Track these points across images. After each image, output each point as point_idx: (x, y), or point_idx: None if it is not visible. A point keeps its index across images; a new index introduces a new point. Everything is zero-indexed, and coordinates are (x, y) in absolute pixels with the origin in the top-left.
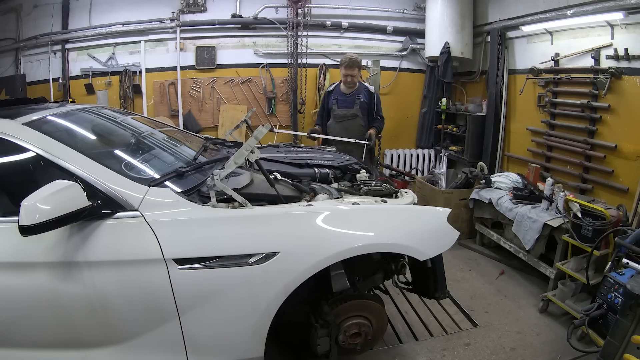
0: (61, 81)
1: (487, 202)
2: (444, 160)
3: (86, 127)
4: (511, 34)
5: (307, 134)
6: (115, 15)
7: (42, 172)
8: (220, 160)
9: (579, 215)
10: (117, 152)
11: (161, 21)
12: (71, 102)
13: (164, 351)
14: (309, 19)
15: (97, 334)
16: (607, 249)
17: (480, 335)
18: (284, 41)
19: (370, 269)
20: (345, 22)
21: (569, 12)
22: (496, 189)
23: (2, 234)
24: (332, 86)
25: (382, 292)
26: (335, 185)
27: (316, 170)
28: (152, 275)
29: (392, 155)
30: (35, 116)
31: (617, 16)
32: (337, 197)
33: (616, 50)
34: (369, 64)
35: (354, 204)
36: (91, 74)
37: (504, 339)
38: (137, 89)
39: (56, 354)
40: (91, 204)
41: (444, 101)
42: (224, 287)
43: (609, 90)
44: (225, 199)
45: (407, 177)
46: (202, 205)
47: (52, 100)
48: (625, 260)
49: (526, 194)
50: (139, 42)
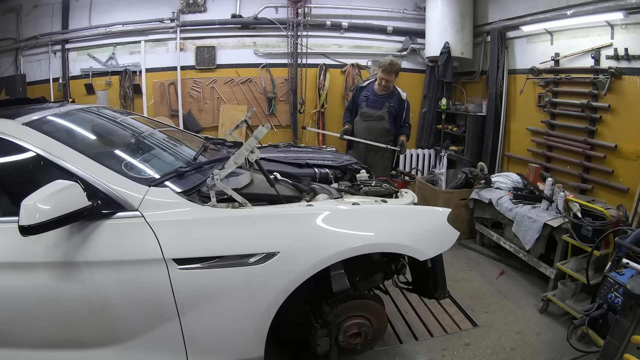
0: (61, 81)
1: (487, 202)
2: (444, 160)
3: (86, 127)
4: (511, 34)
5: (339, 135)
6: (115, 15)
7: (42, 172)
8: (220, 160)
9: (579, 215)
10: (117, 152)
11: (161, 21)
12: (71, 102)
13: (164, 351)
14: (309, 19)
15: (97, 334)
16: (607, 249)
17: (480, 335)
18: (284, 41)
19: (370, 269)
20: (345, 22)
21: (569, 12)
22: (496, 189)
23: (2, 234)
24: (366, 82)
25: (382, 292)
26: (335, 185)
27: (316, 170)
28: (152, 275)
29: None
30: (35, 116)
31: (617, 16)
32: (337, 197)
33: (616, 50)
34: (369, 64)
35: (354, 204)
36: (91, 74)
37: (504, 339)
38: (137, 89)
39: (56, 354)
40: (91, 204)
41: (444, 101)
42: (224, 287)
43: (609, 90)
44: (225, 199)
45: (407, 177)
46: (202, 205)
47: (52, 100)
48: (625, 260)
49: (526, 194)
50: (139, 42)
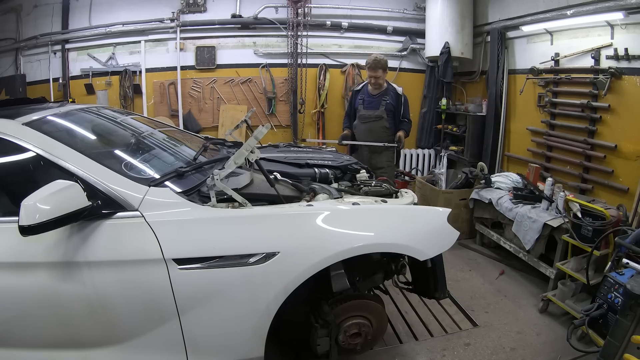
0: (61, 81)
1: (487, 202)
2: (444, 160)
3: (86, 127)
4: (511, 34)
5: (338, 141)
6: (115, 15)
7: (42, 172)
8: (220, 160)
9: (579, 215)
10: (117, 152)
11: (161, 21)
12: (71, 102)
13: (164, 351)
14: (309, 19)
15: (97, 334)
16: (607, 249)
17: (480, 335)
18: (284, 41)
19: (370, 269)
20: (345, 22)
21: (569, 12)
22: (496, 189)
23: (2, 234)
24: (360, 85)
25: (382, 292)
26: (335, 185)
27: (316, 170)
28: (152, 275)
29: None
30: (35, 116)
31: (617, 16)
32: (337, 197)
33: (616, 50)
34: None
35: (354, 204)
36: (91, 74)
37: (504, 339)
38: (137, 89)
39: (56, 354)
40: (91, 204)
41: (444, 101)
42: (224, 287)
43: (609, 90)
44: (225, 199)
45: (407, 177)
46: (202, 205)
47: (52, 100)
48: (625, 260)
49: (526, 194)
50: (139, 42)
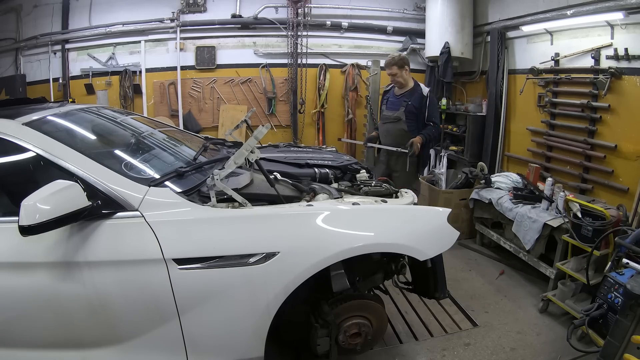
0: (61, 81)
1: (487, 202)
2: (444, 160)
3: (86, 127)
4: (511, 34)
5: (364, 143)
6: (115, 15)
7: (42, 172)
8: (220, 160)
9: (579, 215)
10: (117, 152)
11: (161, 21)
12: (71, 102)
13: (164, 351)
14: (309, 19)
15: (97, 334)
16: (607, 249)
17: (480, 335)
18: (284, 41)
19: (370, 269)
20: (345, 22)
21: (569, 12)
22: (496, 189)
23: (2, 234)
24: (389, 86)
25: (382, 292)
26: (335, 185)
27: (316, 170)
28: (152, 275)
29: None
30: (35, 116)
31: (617, 16)
32: (337, 197)
33: (616, 50)
34: (369, 64)
35: (354, 204)
36: (91, 74)
37: (504, 339)
38: (137, 89)
39: (56, 354)
40: (91, 204)
41: (444, 101)
42: (224, 287)
43: (609, 90)
44: (225, 199)
45: None
46: (202, 205)
47: (52, 100)
48: (625, 260)
49: (526, 194)
50: (139, 42)
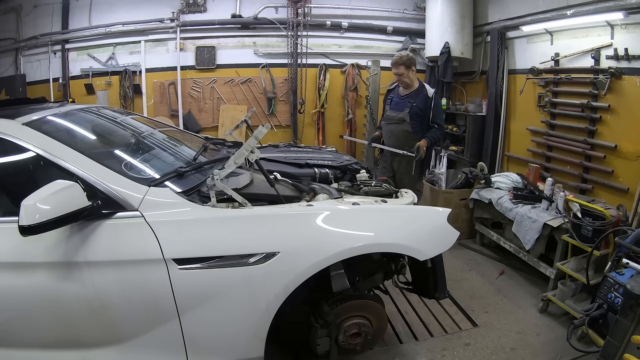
0: (61, 81)
1: (487, 202)
2: (444, 160)
3: (86, 127)
4: (511, 34)
5: (368, 142)
6: (115, 15)
7: (42, 172)
8: (220, 160)
9: (579, 215)
10: (117, 152)
11: (161, 21)
12: (71, 102)
13: (164, 351)
14: (309, 19)
15: (97, 334)
16: (607, 249)
17: (480, 335)
18: (284, 41)
19: (370, 269)
20: (345, 22)
21: (569, 12)
22: (496, 189)
23: (2, 234)
24: (393, 85)
25: (382, 292)
26: (335, 185)
27: (316, 170)
28: (152, 275)
29: None
30: (35, 116)
31: (617, 16)
32: (337, 197)
33: (616, 50)
34: (369, 64)
35: (354, 204)
36: (91, 74)
37: (504, 339)
38: (137, 89)
39: (56, 354)
40: (91, 204)
41: (444, 101)
42: (224, 287)
43: (609, 90)
44: (225, 199)
45: None
46: (202, 205)
47: (52, 100)
48: (625, 260)
49: (526, 194)
50: (139, 42)
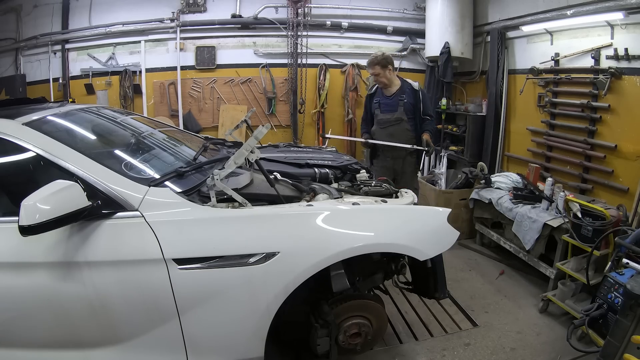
0: (61, 81)
1: (487, 202)
2: (444, 160)
3: (86, 127)
4: (511, 34)
5: (362, 144)
6: (115, 15)
7: (42, 172)
8: (220, 160)
9: (579, 215)
10: (117, 152)
11: (161, 21)
12: (71, 102)
13: (164, 351)
14: (309, 19)
15: (97, 334)
16: (607, 249)
17: (480, 335)
18: (284, 41)
19: (370, 269)
20: (345, 22)
21: (569, 12)
22: (496, 189)
23: (2, 234)
24: (374, 88)
25: (382, 292)
26: (335, 185)
27: (316, 170)
28: (152, 275)
29: None
30: (35, 116)
31: (617, 16)
32: (337, 197)
33: (616, 50)
34: None
35: (354, 204)
36: (91, 74)
37: (504, 339)
38: (137, 89)
39: (56, 354)
40: (91, 204)
41: (444, 101)
42: (224, 287)
43: (609, 90)
44: (225, 199)
45: None
46: (202, 205)
47: (52, 100)
48: (625, 260)
49: (526, 194)
50: (139, 42)
